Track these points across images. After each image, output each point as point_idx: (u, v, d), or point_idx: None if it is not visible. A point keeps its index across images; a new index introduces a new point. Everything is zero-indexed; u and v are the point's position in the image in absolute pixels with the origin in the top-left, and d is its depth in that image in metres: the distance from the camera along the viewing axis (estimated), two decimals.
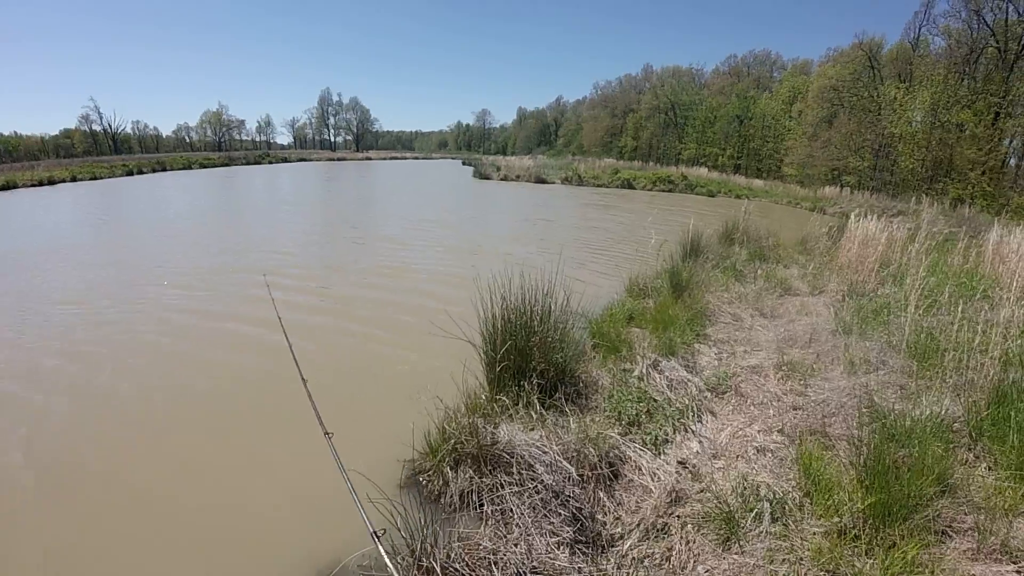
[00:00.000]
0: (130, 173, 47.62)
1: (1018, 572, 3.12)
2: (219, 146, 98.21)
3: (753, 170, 49.89)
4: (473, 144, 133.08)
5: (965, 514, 3.51)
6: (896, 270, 9.03)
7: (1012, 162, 29.20)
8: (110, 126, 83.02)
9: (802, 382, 5.66)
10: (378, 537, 2.46)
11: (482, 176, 46.08)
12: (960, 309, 5.72)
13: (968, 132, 28.33)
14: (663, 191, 37.70)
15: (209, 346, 7.53)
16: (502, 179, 43.83)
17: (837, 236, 12.57)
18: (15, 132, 77.27)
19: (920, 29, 34.18)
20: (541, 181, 42.12)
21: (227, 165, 64.85)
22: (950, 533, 3.41)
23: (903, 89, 32.22)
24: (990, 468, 4.04)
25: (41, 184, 36.39)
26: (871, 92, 35.04)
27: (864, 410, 4.68)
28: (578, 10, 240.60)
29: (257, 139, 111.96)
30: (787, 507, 3.68)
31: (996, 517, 3.41)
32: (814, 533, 3.44)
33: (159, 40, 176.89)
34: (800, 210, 28.81)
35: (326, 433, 3.11)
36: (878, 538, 3.27)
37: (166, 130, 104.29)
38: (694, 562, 3.37)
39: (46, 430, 5.36)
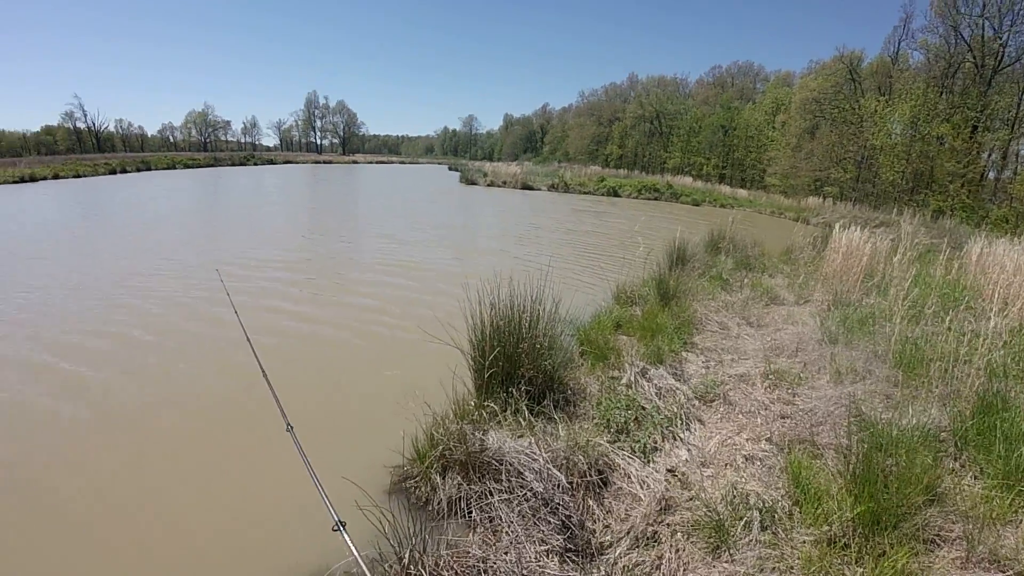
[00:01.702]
0: (113, 172, 47.19)
1: None
2: (204, 146, 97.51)
3: (737, 180, 50.32)
4: (460, 149, 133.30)
5: (953, 523, 3.52)
6: (880, 280, 9.11)
7: (991, 175, 29.68)
8: (94, 124, 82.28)
9: (789, 391, 5.68)
10: (343, 526, 2.39)
11: (469, 181, 46.12)
12: (945, 320, 5.78)
13: (947, 145, 28.77)
14: (648, 199, 37.93)
15: (182, 349, 7.42)
16: (488, 185, 43.87)
17: (821, 246, 12.70)
18: None
19: (899, 43, 34.72)
20: (527, 187, 42.24)
21: (212, 166, 64.56)
22: (939, 542, 3.42)
23: (883, 102, 32.67)
24: (976, 477, 4.07)
25: (23, 181, 35.90)
26: (852, 104, 35.51)
27: (852, 419, 4.70)
28: (564, 14, 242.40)
29: (243, 140, 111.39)
30: (776, 515, 3.68)
31: (984, 526, 3.43)
32: (804, 542, 3.43)
33: (144, 35, 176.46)
34: (784, 220, 29.08)
35: (289, 427, 3.06)
36: (868, 546, 3.27)
37: (151, 129, 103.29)
38: (684, 570, 3.35)
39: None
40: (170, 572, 3.66)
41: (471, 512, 3.83)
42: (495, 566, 3.16)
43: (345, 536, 2.34)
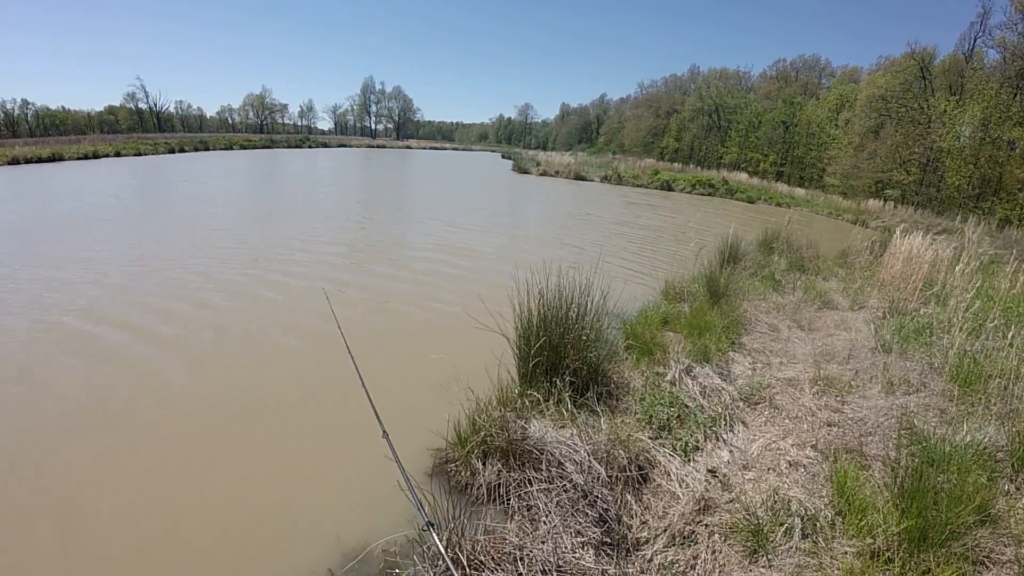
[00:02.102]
0: (172, 151, 48.64)
1: None
2: (261, 128, 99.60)
3: (795, 178, 48.87)
4: (514, 138, 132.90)
5: (1005, 546, 3.41)
6: (940, 290, 8.79)
7: None
8: (155, 104, 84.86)
9: (839, 398, 5.55)
10: (432, 527, 2.52)
11: (521, 170, 46.03)
12: (1008, 335, 5.56)
13: (1019, 150, 27.38)
14: (702, 195, 37.19)
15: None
16: (541, 174, 43.71)
17: (880, 251, 12.30)
18: (62, 107, 79.22)
19: (975, 40, 32.99)
20: (580, 178, 41.92)
21: (268, 147, 65.94)
22: (988, 564, 3.32)
23: (953, 102, 31.26)
24: None
25: (87, 157, 37.36)
26: (921, 104, 34.07)
27: (902, 432, 4.58)
28: (627, 5, 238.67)
29: (299, 123, 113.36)
30: (818, 524, 3.63)
31: None
32: (845, 553, 3.38)
33: (206, 19, 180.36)
34: (841, 222, 28.22)
35: (385, 433, 3.14)
36: (912, 563, 3.20)
37: (210, 111, 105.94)
38: (720, 572, 3.34)
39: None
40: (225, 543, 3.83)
41: (509, 499, 3.89)
42: (531, 555, 3.21)
43: (435, 536, 2.52)
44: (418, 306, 8.80)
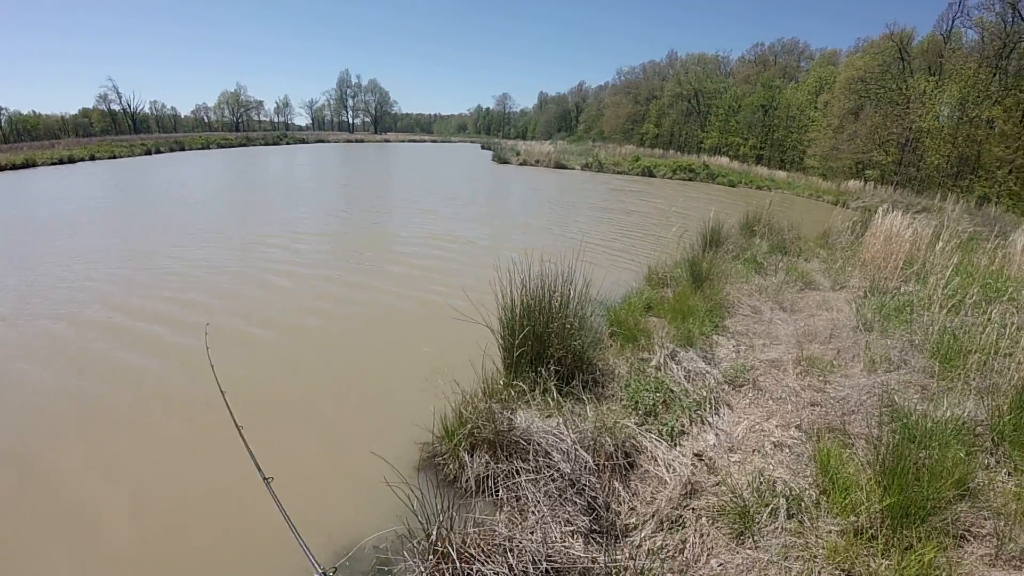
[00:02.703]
0: (148, 152, 47.73)
1: None
2: (237, 126, 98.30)
3: (776, 161, 49.08)
4: (493, 128, 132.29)
5: (985, 519, 3.47)
6: (920, 268, 8.89)
7: None
8: (129, 106, 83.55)
9: (821, 378, 5.61)
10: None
11: (501, 160, 45.84)
12: (987, 311, 5.63)
13: (997, 129, 27.68)
14: (684, 180, 37.28)
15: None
16: (521, 164, 43.61)
17: (860, 231, 12.40)
18: (34, 111, 77.99)
19: (953, 21, 33.25)
20: (561, 167, 41.88)
21: (244, 145, 65.05)
22: (968, 537, 3.38)
23: (932, 82, 31.51)
24: (1010, 474, 3.99)
25: (61, 162, 36.63)
26: (900, 85, 34.31)
27: (884, 409, 4.63)
28: None
29: (275, 120, 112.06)
30: (803, 504, 3.67)
31: (1016, 523, 3.37)
32: (830, 531, 3.42)
33: (175, 13, 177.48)
34: (822, 203, 28.40)
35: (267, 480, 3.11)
36: (895, 539, 3.24)
37: (185, 110, 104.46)
38: (708, 555, 3.37)
39: None
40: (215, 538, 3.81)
41: (498, 491, 3.90)
42: (521, 545, 3.22)
43: None
44: (400, 298, 8.78)
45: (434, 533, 3.16)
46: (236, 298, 8.58)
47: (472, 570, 3.04)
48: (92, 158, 40.23)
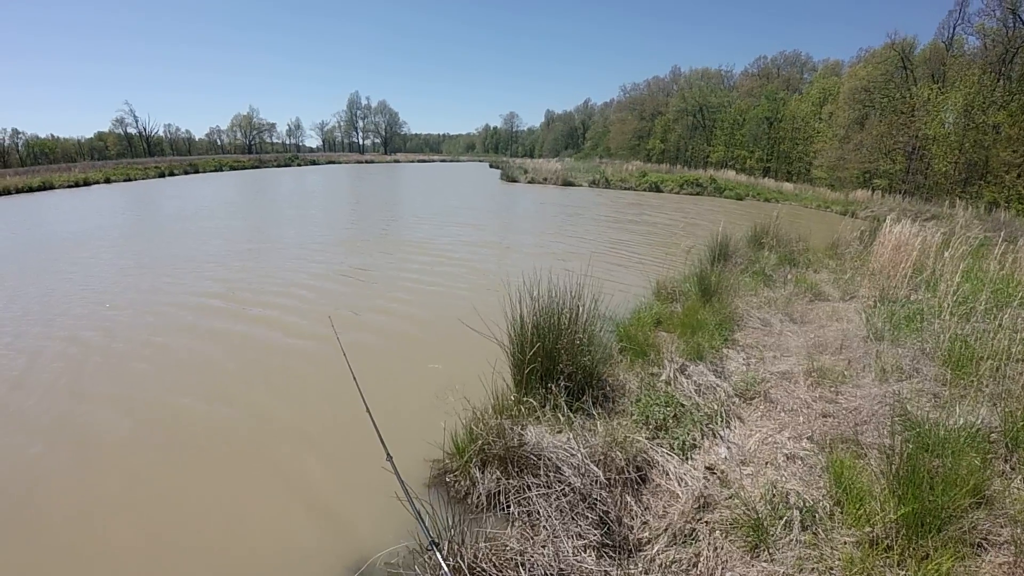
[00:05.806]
0: (163, 175, 48.67)
1: None
2: (250, 148, 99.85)
3: (783, 173, 49.17)
4: (500, 147, 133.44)
5: (1001, 527, 3.43)
6: (930, 276, 8.85)
7: None
8: (144, 129, 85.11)
9: (833, 389, 5.58)
10: (436, 545, 2.53)
11: (509, 179, 46.06)
12: (998, 317, 5.59)
13: (1004, 133, 27.62)
14: (691, 194, 37.33)
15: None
16: (529, 182, 43.80)
17: (869, 241, 12.37)
18: (51, 135, 79.72)
19: (954, 28, 33.45)
20: (568, 184, 42.03)
21: (257, 167, 66.02)
22: (986, 546, 3.34)
23: (936, 90, 31.52)
24: None
25: (77, 185, 37.49)
26: (903, 93, 34.34)
27: (897, 418, 4.60)
28: (607, 7, 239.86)
29: (287, 142, 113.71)
30: (817, 515, 3.64)
31: None
32: (845, 542, 3.39)
33: (190, 38, 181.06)
34: (830, 214, 28.35)
35: (389, 457, 3.14)
36: (911, 549, 3.21)
37: (198, 133, 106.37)
38: (722, 569, 3.35)
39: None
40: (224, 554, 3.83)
41: (509, 506, 3.90)
42: (532, 560, 3.22)
43: (438, 555, 2.58)
44: (411, 316, 8.82)
45: (445, 548, 3.17)
46: (249, 322, 8.65)
47: None
48: (107, 181, 41.22)
